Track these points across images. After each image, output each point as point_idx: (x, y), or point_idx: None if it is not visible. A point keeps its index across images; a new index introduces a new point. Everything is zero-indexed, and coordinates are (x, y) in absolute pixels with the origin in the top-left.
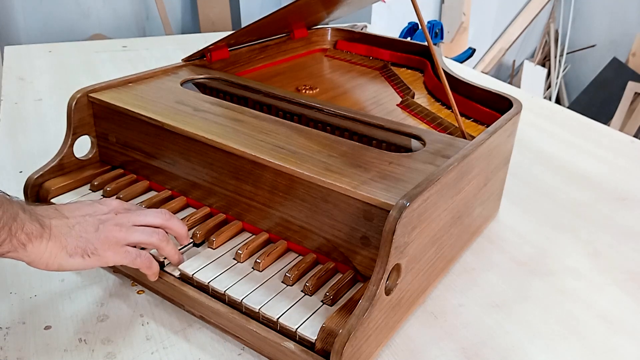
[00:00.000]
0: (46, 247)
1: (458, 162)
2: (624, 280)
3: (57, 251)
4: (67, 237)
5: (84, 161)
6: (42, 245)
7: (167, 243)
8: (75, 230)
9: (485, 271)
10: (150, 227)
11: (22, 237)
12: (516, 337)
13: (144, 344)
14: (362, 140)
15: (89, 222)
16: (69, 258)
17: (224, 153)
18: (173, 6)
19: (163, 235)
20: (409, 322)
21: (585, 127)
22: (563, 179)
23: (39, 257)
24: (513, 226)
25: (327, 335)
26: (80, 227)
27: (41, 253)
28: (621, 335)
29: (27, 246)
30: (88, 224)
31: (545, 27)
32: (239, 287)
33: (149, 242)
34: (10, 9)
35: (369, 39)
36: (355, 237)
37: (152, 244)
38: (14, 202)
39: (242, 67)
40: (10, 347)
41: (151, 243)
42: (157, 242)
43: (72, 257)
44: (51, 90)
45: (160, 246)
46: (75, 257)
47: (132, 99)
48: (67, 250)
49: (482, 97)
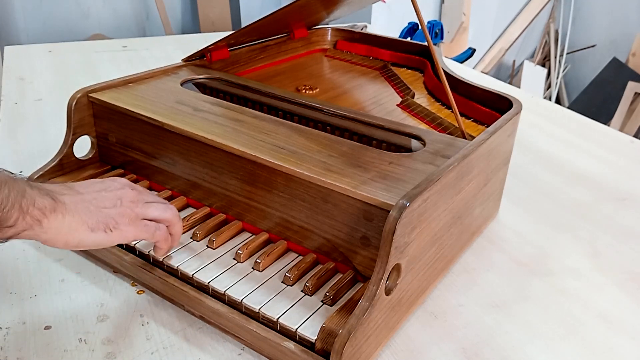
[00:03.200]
0: (63, 221)
1: (458, 162)
2: (624, 280)
3: (78, 226)
4: (86, 212)
5: (84, 161)
6: (59, 220)
7: (179, 220)
8: (93, 205)
9: (485, 271)
10: (163, 203)
11: (36, 213)
12: (516, 337)
13: (144, 344)
14: (362, 140)
15: (106, 197)
16: (90, 233)
17: (224, 153)
18: (173, 6)
19: (176, 211)
20: (409, 322)
21: (585, 127)
22: (563, 179)
23: (57, 232)
24: (513, 226)
25: (327, 335)
26: (98, 202)
27: (59, 228)
28: (621, 335)
29: (43, 222)
30: (106, 199)
31: (545, 27)
32: (239, 287)
33: (164, 217)
34: (10, 9)
35: (369, 39)
36: (355, 237)
37: (166, 220)
38: (18, 180)
39: (242, 67)
40: (10, 347)
41: (165, 218)
42: (171, 217)
43: (94, 232)
44: (51, 90)
45: (173, 222)
46: (98, 232)
47: (132, 99)
48: (89, 224)
49: (482, 97)
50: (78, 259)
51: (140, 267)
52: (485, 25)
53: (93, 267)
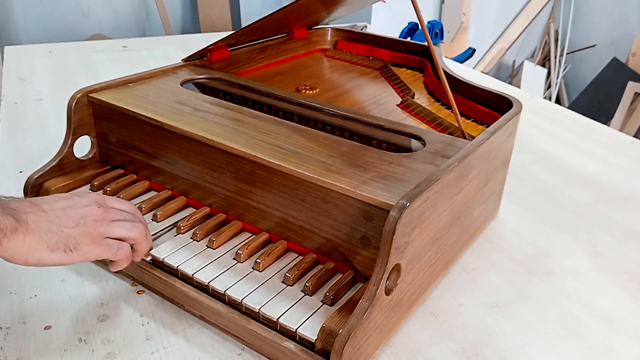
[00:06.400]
0: (24, 241)
1: (458, 162)
2: (624, 280)
3: (37, 245)
4: (47, 232)
5: (84, 161)
6: (19, 240)
7: (145, 238)
8: (55, 225)
9: (485, 271)
10: (129, 221)
11: None
12: (516, 337)
13: (144, 344)
14: (362, 140)
15: (70, 215)
16: (50, 253)
17: (224, 153)
18: (173, 6)
19: (143, 229)
20: (409, 322)
21: (585, 127)
22: (563, 179)
23: (17, 252)
24: (513, 226)
25: (327, 335)
26: (60, 221)
27: (19, 248)
28: (621, 335)
29: (3, 242)
30: (68, 218)
31: (545, 27)
32: (239, 287)
33: (129, 236)
34: (10, 9)
35: (369, 39)
36: (355, 237)
37: (131, 239)
38: None
39: (242, 67)
40: (10, 347)
41: (131, 237)
42: (136, 236)
43: (53, 252)
44: (51, 90)
45: (139, 241)
46: (57, 251)
47: (132, 99)
48: (49, 244)
49: (482, 97)
50: None
51: (140, 267)
52: (485, 25)
53: (93, 267)
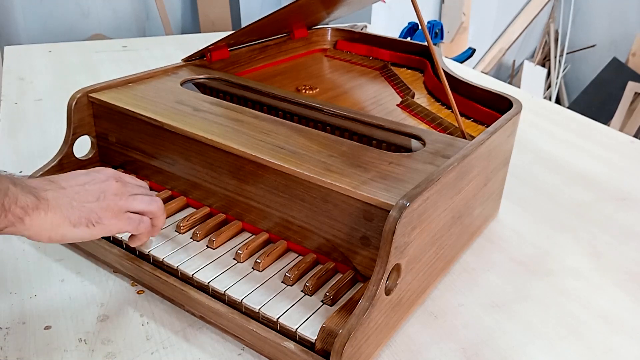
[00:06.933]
0: (46, 218)
1: (458, 162)
2: (624, 280)
3: (60, 222)
4: (68, 207)
5: (84, 161)
6: (41, 217)
7: (163, 212)
8: (76, 200)
9: (485, 271)
10: (148, 195)
11: (18, 211)
12: (516, 337)
13: (144, 344)
14: (362, 140)
15: (90, 191)
16: (73, 228)
17: (224, 153)
18: (173, 6)
19: (161, 203)
20: (409, 322)
21: (585, 127)
22: (563, 179)
23: (40, 229)
24: (513, 226)
25: (327, 335)
26: (80, 197)
27: (41, 225)
28: (621, 335)
29: (25, 219)
30: (88, 193)
31: (545, 27)
32: (239, 287)
33: (149, 209)
34: (10, 9)
35: (369, 39)
36: (355, 237)
37: (150, 212)
38: (2, 177)
39: (242, 67)
40: (10, 347)
41: (150, 211)
42: (155, 209)
43: (76, 227)
44: (51, 90)
45: (157, 214)
46: (80, 227)
47: (132, 99)
48: (71, 220)
49: (482, 97)
50: (78, 259)
51: (140, 267)
52: (485, 25)
53: (93, 267)
